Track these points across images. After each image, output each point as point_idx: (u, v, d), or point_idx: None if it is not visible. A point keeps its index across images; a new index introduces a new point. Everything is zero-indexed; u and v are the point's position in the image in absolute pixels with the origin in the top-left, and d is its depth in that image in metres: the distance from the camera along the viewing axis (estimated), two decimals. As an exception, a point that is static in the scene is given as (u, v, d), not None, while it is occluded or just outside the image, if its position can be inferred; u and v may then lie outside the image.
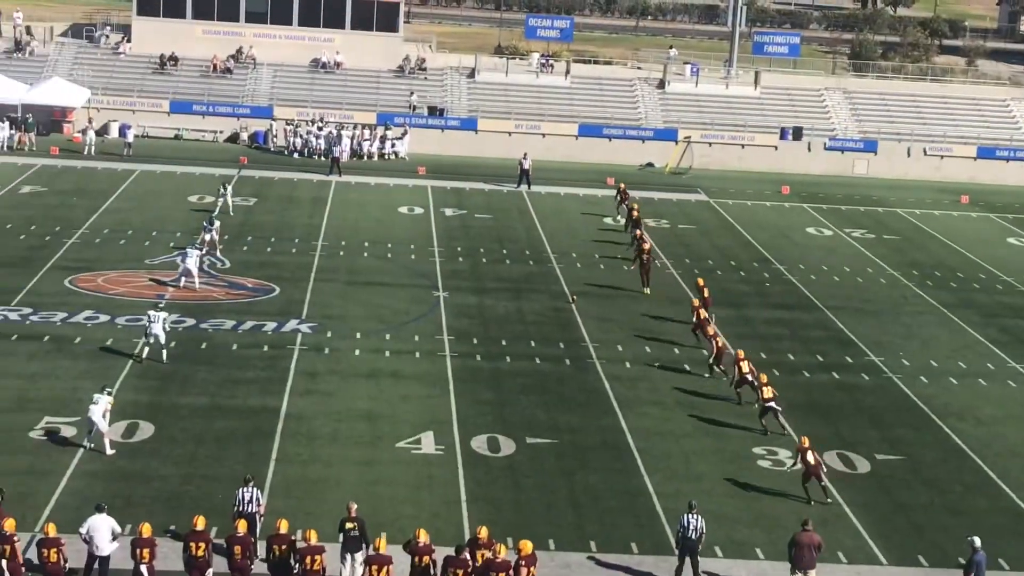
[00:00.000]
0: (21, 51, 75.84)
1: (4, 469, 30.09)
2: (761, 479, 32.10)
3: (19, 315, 40.89)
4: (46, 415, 33.25)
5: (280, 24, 77.87)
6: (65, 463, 30.68)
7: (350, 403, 35.66)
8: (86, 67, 75.19)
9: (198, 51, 76.77)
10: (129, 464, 30.95)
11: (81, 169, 63.38)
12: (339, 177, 65.04)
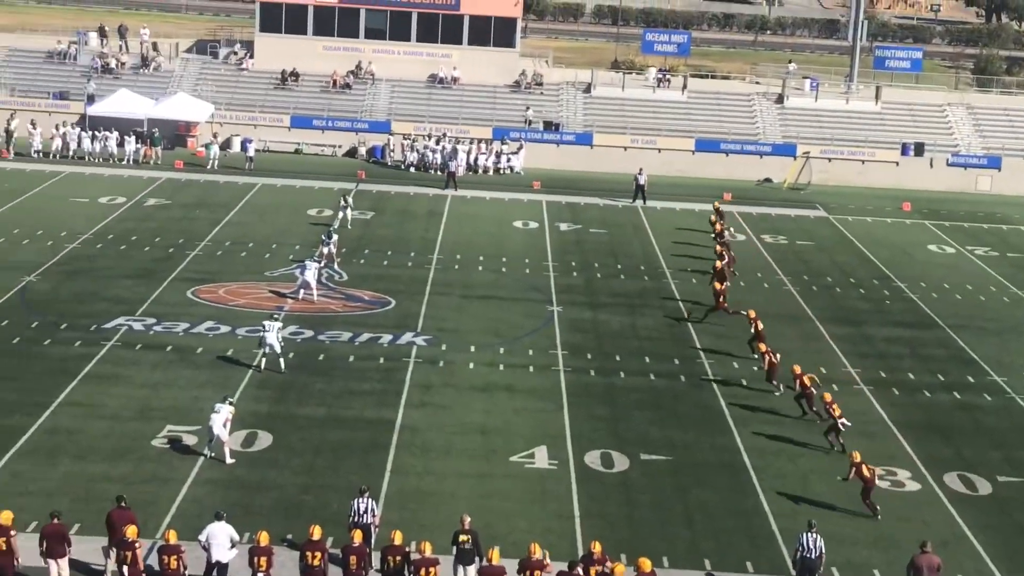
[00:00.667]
0: (147, 67, 77.52)
1: (128, 476, 30.74)
2: (880, 500, 31.57)
3: (143, 325, 41.74)
4: (168, 424, 33.89)
5: (399, 40, 78.66)
6: (186, 471, 31.23)
7: (464, 416, 35.82)
8: (210, 82, 76.63)
9: (318, 67, 77.83)
10: (248, 473, 31.41)
11: (204, 182, 64.56)
12: (455, 191, 65.47)
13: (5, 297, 43.64)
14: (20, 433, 32.71)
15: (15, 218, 54.47)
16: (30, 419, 33.61)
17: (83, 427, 33.46)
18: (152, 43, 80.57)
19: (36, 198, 58.78)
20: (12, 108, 71.52)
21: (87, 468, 31.02)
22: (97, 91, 73.39)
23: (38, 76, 76.41)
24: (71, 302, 43.74)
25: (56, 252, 49.63)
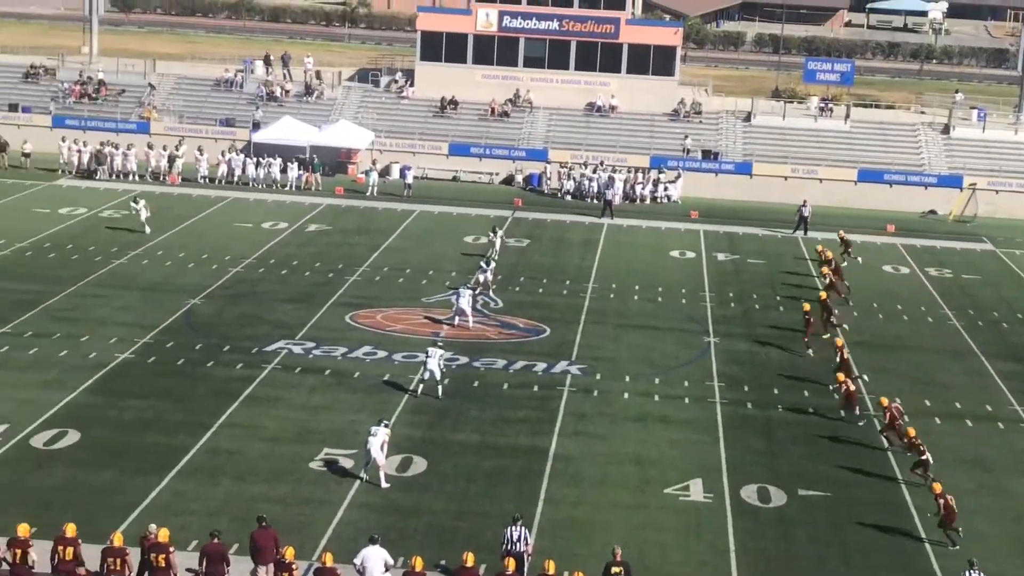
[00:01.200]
0: (311, 95, 78.99)
1: (286, 498, 31.15)
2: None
3: (303, 349, 42.36)
4: (326, 446, 34.28)
5: (557, 68, 78.91)
6: (342, 494, 31.52)
7: (619, 446, 35.57)
8: (371, 110, 77.77)
9: (477, 95, 78.45)
10: (402, 497, 31.59)
11: (363, 209, 65.44)
12: (611, 220, 65.30)
13: (171, 319, 44.69)
14: (183, 453, 33.39)
15: (182, 242, 55.82)
16: (193, 439, 34.30)
17: (243, 448, 34.02)
18: (315, 71, 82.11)
19: (202, 223, 60.20)
20: (180, 135, 73.43)
21: (247, 489, 31.51)
22: (262, 118, 75.02)
23: (206, 104, 78.39)
24: (234, 325, 44.62)
25: (220, 276, 50.70)
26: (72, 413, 35.70)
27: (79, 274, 49.39)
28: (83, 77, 78.88)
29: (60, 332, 42.41)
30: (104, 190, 65.19)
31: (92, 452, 33.18)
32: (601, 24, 77.89)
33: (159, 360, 40.48)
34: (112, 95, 77.79)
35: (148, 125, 74.72)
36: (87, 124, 74.70)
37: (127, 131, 74.10)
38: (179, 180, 68.65)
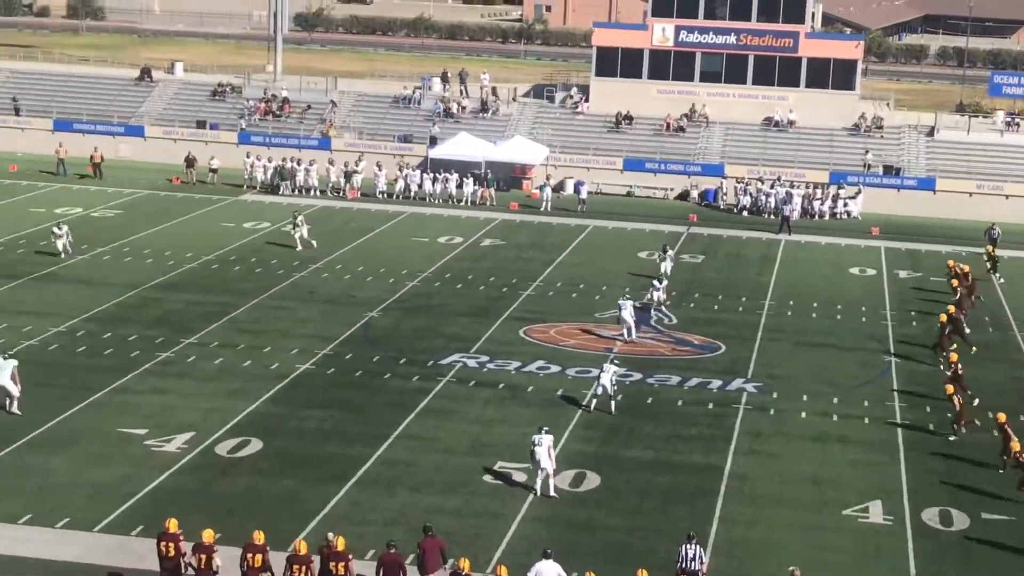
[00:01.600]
0: (486, 111, 79.72)
1: (460, 509, 31.42)
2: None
3: (477, 362, 42.71)
4: (500, 460, 34.47)
5: (734, 83, 78.29)
6: (516, 508, 31.66)
7: (795, 466, 35.03)
8: (545, 126, 78.18)
9: (652, 110, 78.22)
10: (575, 513, 31.59)
11: (537, 224, 65.76)
12: (788, 236, 64.45)
13: (350, 332, 45.49)
14: (361, 463, 33.92)
15: (360, 256, 56.81)
16: (370, 450, 34.83)
17: (419, 459, 34.42)
18: (491, 88, 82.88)
19: (380, 237, 61.20)
20: (360, 151, 74.80)
21: (422, 500, 31.86)
22: (439, 134, 75.97)
23: (384, 120, 79.71)
24: (410, 338, 45.21)
25: (397, 289, 51.45)
26: (255, 422, 36.59)
27: (262, 287, 50.61)
28: (268, 95, 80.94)
29: (244, 343, 43.51)
30: (287, 205, 66.70)
31: (274, 461, 33.94)
32: (780, 38, 77.02)
33: (338, 371, 41.24)
34: (295, 112, 79.65)
35: (329, 141, 76.30)
36: (271, 140, 76.62)
37: (309, 147, 75.81)
38: (358, 195, 69.90)
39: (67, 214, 61.68)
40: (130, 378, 39.51)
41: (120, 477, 32.33)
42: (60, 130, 77.57)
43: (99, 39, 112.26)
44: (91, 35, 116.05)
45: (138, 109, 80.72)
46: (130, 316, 45.92)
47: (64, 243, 53.13)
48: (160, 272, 52.11)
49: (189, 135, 77.42)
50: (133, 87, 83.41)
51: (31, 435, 34.68)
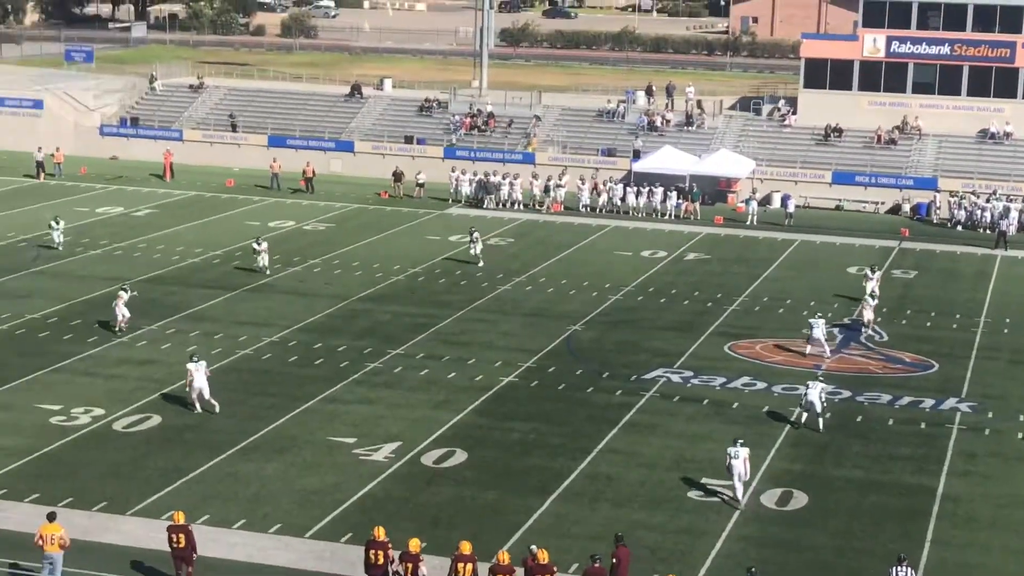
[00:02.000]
0: (691, 124, 79.20)
1: (664, 525, 31.19)
2: None
3: (681, 377, 42.37)
4: (704, 476, 34.09)
5: (948, 94, 76.20)
6: (721, 525, 31.27)
7: (1012, 488, 33.80)
8: (751, 139, 77.29)
9: (862, 122, 76.64)
10: (782, 532, 31.06)
11: (743, 238, 65.01)
12: (1005, 251, 62.33)
13: (553, 344, 45.63)
14: (564, 476, 33.95)
15: (564, 269, 56.98)
16: (573, 463, 34.83)
17: (622, 474, 34.28)
18: (696, 100, 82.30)
19: (583, 250, 61.28)
20: (563, 164, 75.09)
21: (625, 515, 31.70)
22: (643, 148, 75.76)
23: (588, 133, 79.89)
24: (613, 352, 45.12)
25: (600, 303, 51.40)
26: (460, 433, 36.95)
27: (467, 299, 51.13)
28: (473, 109, 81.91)
29: (449, 355, 44.03)
30: (491, 218, 67.34)
31: (478, 471, 34.22)
32: (996, 48, 74.71)
33: (541, 384, 41.38)
34: (500, 126, 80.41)
35: (533, 156, 76.80)
36: (476, 155, 77.48)
37: (513, 161, 76.43)
38: (562, 208, 70.15)
39: (280, 227, 63.39)
40: (339, 388, 40.34)
41: (330, 484, 33.01)
42: (274, 146, 79.83)
43: (312, 57, 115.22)
44: (304, 53, 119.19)
45: (348, 125, 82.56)
46: (340, 327, 46.92)
47: (264, 260, 54.14)
48: (368, 284, 53.12)
49: (397, 150, 78.83)
50: (343, 103, 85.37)
51: (245, 442, 35.67)
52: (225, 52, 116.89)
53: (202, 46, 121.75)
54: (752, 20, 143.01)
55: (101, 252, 57.17)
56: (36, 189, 71.28)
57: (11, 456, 34.08)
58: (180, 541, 27.32)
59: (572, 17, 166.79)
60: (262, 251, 54.09)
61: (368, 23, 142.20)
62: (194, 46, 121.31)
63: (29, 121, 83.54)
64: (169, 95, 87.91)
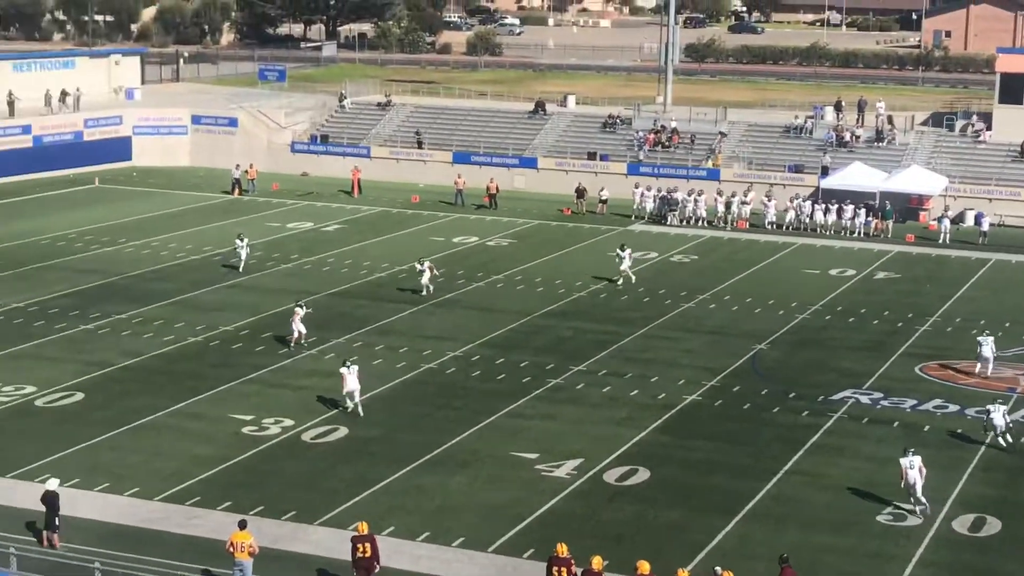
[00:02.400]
0: (881, 140, 77.58)
1: (852, 550, 30.56)
2: None
3: (870, 399, 41.45)
4: (895, 500, 33.20)
5: None
6: (911, 551, 30.49)
7: None
8: (944, 155, 75.38)
9: (1061, 138, 74.21)
10: (975, 558, 30.18)
11: (935, 257, 63.38)
12: None
13: (738, 363, 45.09)
14: (749, 497, 33.47)
15: (748, 287, 56.29)
16: (759, 484, 34.32)
17: (809, 496, 33.68)
18: (887, 116, 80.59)
19: (769, 268, 60.49)
20: (749, 181, 74.27)
21: (812, 538, 31.13)
22: (831, 164, 74.49)
23: (774, 150, 78.89)
24: (800, 371, 44.39)
25: (787, 322, 50.63)
26: (642, 451, 36.74)
27: (649, 316, 50.88)
28: (657, 125, 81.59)
29: (632, 372, 43.84)
30: (674, 235, 66.97)
31: (661, 490, 33.97)
32: None
33: (726, 403, 40.92)
34: (684, 143, 79.94)
35: (718, 172, 76.14)
36: (660, 171, 77.13)
37: (697, 178, 75.87)
38: (747, 225, 69.38)
39: (464, 243, 64.02)
40: (521, 403, 40.49)
41: (512, 499, 33.14)
42: (459, 162, 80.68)
43: (496, 74, 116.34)
44: (489, 71, 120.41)
45: (532, 141, 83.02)
46: (522, 343, 47.12)
47: (426, 279, 53.31)
48: (551, 300, 53.26)
49: (580, 166, 78.98)
50: (527, 120, 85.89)
51: (429, 455, 36.03)
52: (412, 70, 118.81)
53: (390, 64, 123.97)
54: (945, 34, 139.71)
55: (291, 266, 58.51)
56: (231, 205, 73.32)
57: (204, 465, 35.04)
58: (365, 551, 27.72)
59: (759, 32, 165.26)
60: (424, 270, 53.51)
61: (552, 40, 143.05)
62: (382, 64, 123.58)
63: (224, 139, 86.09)
64: (358, 113, 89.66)
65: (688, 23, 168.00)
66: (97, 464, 34.94)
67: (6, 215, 68.68)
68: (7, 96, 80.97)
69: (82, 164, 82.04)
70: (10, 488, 33.11)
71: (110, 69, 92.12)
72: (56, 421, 38.21)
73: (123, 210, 70.50)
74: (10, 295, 51.82)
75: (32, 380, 41.58)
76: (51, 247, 61.06)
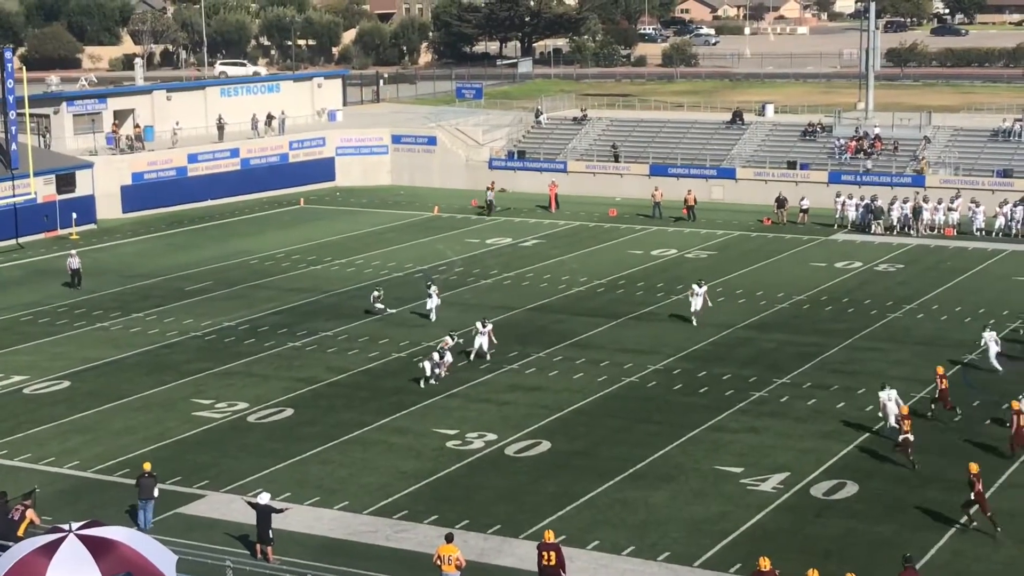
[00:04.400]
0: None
1: None
2: None
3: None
4: (1117, 516, 31.98)
5: None
6: None
7: None
8: None
9: None
10: None
11: None
12: None
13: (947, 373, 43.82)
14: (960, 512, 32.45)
15: (955, 296, 54.77)
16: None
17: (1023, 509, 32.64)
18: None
19: (977, 276, 58.75)
20: (956, 187, 72.24)
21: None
22: (1042, 168, 72.08)
23: (982, 154, 76.61)
24: (1012, 383, 42.87)
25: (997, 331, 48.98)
26: (850, 464, 36.02)
27: (854, 327, 49.87)
28: (858, 132, 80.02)
29: (837, 384, 43.03)
30: (879, 244, 65.55)
31: (870, 504, 33.26)
32: None
33: (935, 417, 39.78)
34: (886, 149, 78.21)
35: (923, 179, 74.27)
36: (862, 179, 75.62)
37: (901, 184, 74.15)
38: (955, 233, 67.51)
39: (663, 255, 63.74)
40: (724, 416, 40.09)
41: (717, 514, 32.84)
42: (656, 174, 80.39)
43: (692, 85, 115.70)
44: (685, 82, 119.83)
45: (730, 151, 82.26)
46: (724, 355, 46.67)
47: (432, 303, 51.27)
48: (753, 312, 52.65)
49: (779, 175, 77.90)
50: (724, 130, 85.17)
51: (632, 469, 35.95)
52: (607, 84, 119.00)
53: (585, 79, 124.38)
54: None
55: (492, 281, 59.08)
56: (430, 222, 74.42)
57: (411, 479, 35.59)
58: (550, 559, 27.84)
59: (963, 34, 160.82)
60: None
61: (749, 49, 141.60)
62: (577, 79, 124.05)
63: (423, 157, 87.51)
64: (554, 128, 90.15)
65: (888, 27, 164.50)
66: (307, 478, 35.81)
67: (218, 236, 71.03)
68: (216, 121, 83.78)
69: (288, 185, 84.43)
70: (226, 502, 34.15)
71: (313, 92, 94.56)
72: (267, 437, 39.28)
73: (328, 229, 72.23)
74: (222, 313, 53.53)
75: (244, 397, 42.87)
76: (260, 266, 62.91)
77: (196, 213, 77.71)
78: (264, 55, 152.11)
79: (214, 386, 44.10)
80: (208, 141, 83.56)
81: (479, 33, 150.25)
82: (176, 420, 40.70)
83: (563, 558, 28.10)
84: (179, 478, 35.75)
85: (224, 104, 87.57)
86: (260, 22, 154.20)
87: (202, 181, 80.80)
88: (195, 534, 31.75)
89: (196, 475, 36.07)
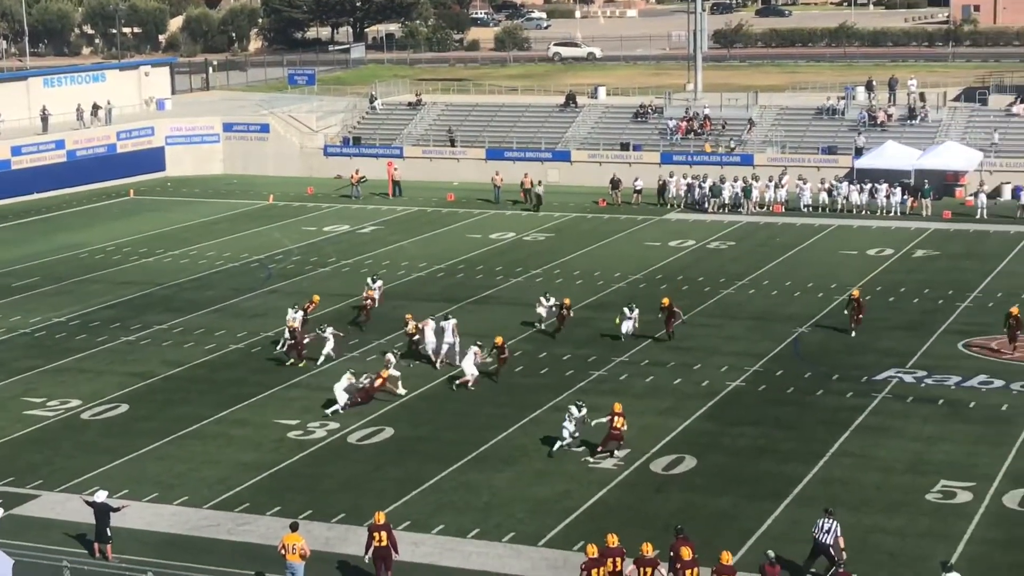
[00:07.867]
0: (914, 118, 77.12)
1: (902, 529, 30.48)
2: None
3: (913, 377, 41.28)
4: (942, 478, 33.12)
5: None
6: (961, 528, 30.33)
7: None
8: (978, 130, 74.85)
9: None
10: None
11: (973, 232, 63.06)
12: None
13: (779, 348, 44.96)
14: (796, 481, 33.40)
15: (786, 271, 56.13)
16: (805, 467, 34.25)
17: (857, 478, 33.56)
18: (919, 93, 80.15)
19: (806, 251, 60.28)
20: (783, 165, 73.98)
21: (863, 519, 30.99)
22: (864, 144, 74.11)
23: (807, 132, 78.54)
24: (841, 353, 44.21)
25: (826, 304, 50.44)
26: (688, 439, 36.71)
27: (689, 305, 50.72)
28: (688, 113, 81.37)
29: (674, 360, 43.77)
30: (711, 222, 66.81)
31: (708, 478, 33.94)
32: None
33: (769, 388, 40.81)
34: (715, 129, 79.67)
35: (752, 157, 75.83)
36: (693, 159, 76.91)
37: (731, 164, 75.64)
38: (783, 210, 69.12)
39: (501, 239, 64.03)
40: (565, 396, 40.46)
41: (560, 493, 33.17)
42: (492, 158, 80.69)
43: (526, 69, 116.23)
44: (518, 65, 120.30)
45: (564, 134, 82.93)
46: (562, 335, 47.05)
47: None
48: (590, 292, 53.21)
49: (613, 157, 78.83)
50: (558, 113, 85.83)
51: (476, 452, 36.09)
52: (441, 68, 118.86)
53: (419, 64, 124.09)
54: (974, 8, 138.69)
55: (330, 269, 58.69)
56: (264, 211, 73.56)
57: (252, 471, 35.21)
58: (381, 539, 27.97)
59: (786, 15, 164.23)
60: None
61: (580, 32, 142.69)
62: (411, 64, 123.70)
63: (257, 145, 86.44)
64: (389, 113, 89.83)
65: (715, 9, 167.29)
66: (144, 474, 35.17)
67: (44, 230, 69.20)
68: (40, 112, 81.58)
69: (116, 177, 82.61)
70: (62, 501, 33.37)
71: (140, 81, 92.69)
72: (102, 433, 38.47)
73: (159, 221, 70.95)
74: (52, 309, 52.21)
75: (77, 393, 41.91)
76: (90, 260, 61.49)
77: (21, 207, 75.61)
78: (88, 44, 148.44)
79: (45, 384, 43.02)
80: (32, 133, 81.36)
81: (310, 19, 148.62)
82: (6, 419, 39.61)
83: (395, 538, 28.17)
84: (12, 479, 34.84)
85: (48, 95, 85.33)
86: (83, 10, 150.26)
87: (26, 174, 78.67)
88: (31, 535, 30.98)
89: (29, 475, 35.18)
